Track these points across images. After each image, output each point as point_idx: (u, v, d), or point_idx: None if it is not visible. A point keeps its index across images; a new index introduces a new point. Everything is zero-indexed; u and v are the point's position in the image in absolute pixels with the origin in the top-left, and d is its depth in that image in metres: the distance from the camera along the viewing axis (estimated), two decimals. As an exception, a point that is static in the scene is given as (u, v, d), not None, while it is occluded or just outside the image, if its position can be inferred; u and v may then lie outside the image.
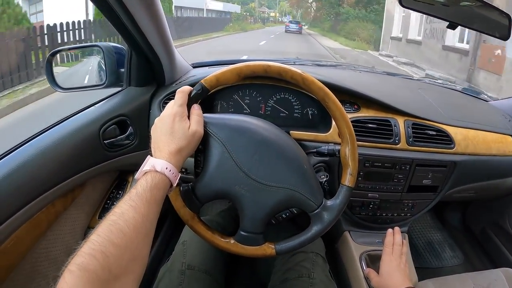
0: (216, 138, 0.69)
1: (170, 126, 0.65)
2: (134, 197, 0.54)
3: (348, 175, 0.73)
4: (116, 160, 0.95)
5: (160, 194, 0.58)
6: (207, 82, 0.70)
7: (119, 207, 0.52)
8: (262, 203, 0.69)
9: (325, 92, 0.71)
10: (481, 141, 1.08)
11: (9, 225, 0.68)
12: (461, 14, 1.02)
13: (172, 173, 0.61)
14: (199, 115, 0.69)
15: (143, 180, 0.57)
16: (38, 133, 0.83)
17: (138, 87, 1.02)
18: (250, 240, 0.71)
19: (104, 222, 0.49)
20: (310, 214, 0.71)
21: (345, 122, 0.72)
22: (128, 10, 0.76)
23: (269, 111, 1.07)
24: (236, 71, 0.70)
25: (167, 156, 0.62)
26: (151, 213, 0.55)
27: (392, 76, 1.38)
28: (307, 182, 0.71)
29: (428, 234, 1.62)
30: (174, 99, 0.70)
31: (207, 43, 14.35)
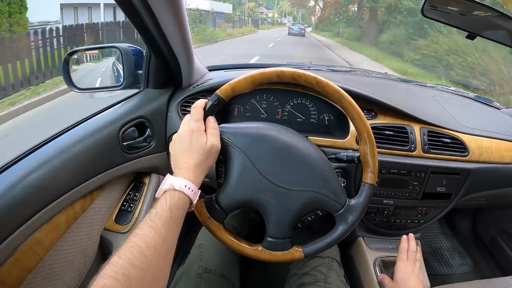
0: (237, 147, 0.70)
1: (188, 143, 0.66)
2: (154, 218, 0.55)
3: (369, 173, 0.74)
4: (134, 162, 0.95)
5: (179, 213, 0.59)
6: (222, 92, 0.70)
7: (140, 228, 0.53)
8: (288, 208, 0.70)
9: (341, 93, 0.72)
10: (494, 149, 1.08)
11: (29, 227, 0.68)
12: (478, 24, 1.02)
13: (191, 190, 0.61)
14: (215, 128, 0.69)
15: (163, 199, 0.58)
16: (58, 133, 0.82)
17: (156, 89, 1.03)
18: (277, 245, 0.72)
19: (125, 243, 0.50)
20: (335, 215, 0.72)
21: (362, 122, 0.72)
22: (153, 13, 0.76)
23: (286, 116, 1.07)
24: (251, 79, 0.71)
25: (186, 173, 0.63)
26: (171, 232, 0.56)
27: (406, 83, 1.39)
28: (330, 184, 0.71)
29: (437, 241, 1.62)
30: (191, 105, 0.70)
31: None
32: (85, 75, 1.23)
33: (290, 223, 0.71)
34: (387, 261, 1.05)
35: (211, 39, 15.80)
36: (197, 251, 0.93)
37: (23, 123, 4.41)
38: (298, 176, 0.70)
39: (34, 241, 0.72)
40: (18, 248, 0.67)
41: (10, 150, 0.81)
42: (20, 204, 0.66)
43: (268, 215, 0.71)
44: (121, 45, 1.02)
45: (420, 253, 1.04)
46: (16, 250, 0.67)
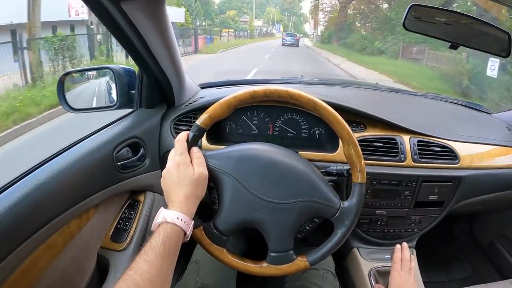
0: (224, 172, 0.72)
1: (176, 176, 0.68)
2: (148, 251, 0.58)
3: (357, 173, 0.75)
4: (129, 181, 0.97)
5: (173, 244, 0.61)
6: (201, 122, 0.73)
7: (136, 262, 0.56)
8: (284, 222, 0.71)
9: (314, 101, 0.73)
10: (485, 155, 1.09)
11: (26, 247, 0.69)
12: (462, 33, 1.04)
13: (183, 222, 0.64)
14: (199, 158, 0.72)
15: (157, 233, 0.61)
16: (53, 156, 0.84)
17: (149, 109, 1.05)
18: (282, 259, 0.73)
19: (122, 277, 0.53)
20: (332, 219, 0.73)
21: (340, 124, 0.74)
22: (142, 37, 0.79)
23: (277, 132, 1.09)
24: (226, 104, 0.73)
25: (177, 205, 0.65)
26: (165, 264, 0.58)
27: (396, 93, 1.40)
28: (321, 190, 0.73)
29: (435, 248, 1.62)
30: (183, 124, 0.73)
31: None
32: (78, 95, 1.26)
33: (290, 235, 0.72)
34: (382, 271, 1.05)
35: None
36: (193, 267, 0.94)
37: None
38: (288, 189, 0.71)
39: (32, 261, 0.74)
40: (16, 269, 0.69)
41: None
42: (17, 226, 0.67)
43: (267, 231, 0.72)
44: (113, 66, 1.05)
45: (415, 262, 1.04)
46: (14, 270, 0.69)
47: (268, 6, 68.06)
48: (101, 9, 0.70)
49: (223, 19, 49.61)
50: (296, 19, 71.14)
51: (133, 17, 0.72)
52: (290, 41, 27.02)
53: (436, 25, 1.03)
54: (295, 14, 70.39)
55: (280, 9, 68.77)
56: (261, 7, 67.09)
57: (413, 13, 0.98)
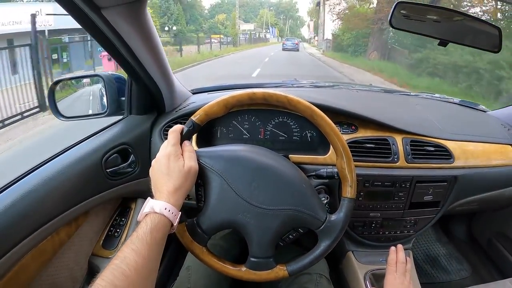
0: (213, 171, 0.71)
1: (166, 167, 0.67)
2: (135, 240, 0.57)
3: (348, 187, 0.74)
4: (119, 188, 0.97)
5: (160, 235, 0.60)
6: (197, 117, 0.72)
7: (122, 251, 0.55)
8: (267, 228, 0.70)
9: (312, 110, 0.73)
10: (480, 153, 1.08)
11: (14, 254, 0.69)
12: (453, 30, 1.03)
13: (171, 213, 0.63)
14: (191, 151, 0.71)
15: (144, 222, 0.60)
16: (41, 163, 0.85)
17: (139, 115, 1.05)
18: (261, 265, 0.72)
19: (108, 266, 0.52)
20: (317, 231, 0.72)
21: (336, 136, 0.73)
22: (127, 44, 0.79)
23: (269, 135, 1.08)
24: (223, 103, 0.72)
25: (166, 196, 0.64)
26: (152, 254, 0.57)
27: (390, 94, 1.39)
28: (308, 201, 0.72)
29: (434, 249, 1.60)
30: (173, 128, 0.72)
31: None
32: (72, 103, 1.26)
33: (271, 242, 0.71)
34: (377, 274, 1.04)
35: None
36: (185, 273, 0.93)
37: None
38: (275, 196, 0.71)
39: (20, 268, 0.74)
40: (5, 275, 0.69)
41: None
42: (5, 233, 0.68)
43: (249, 235, 0.71)
44: (103, 73, 1.05)
45: (411, 264, 1.03)
46: (3, 277, 0.69)
47: (261, 8, 62.26)
48: (83, 17, 0.70)
49: (212, 24, 44.88)
50: (292, 23, 66.47)
51: (115, 24, 0.72)
52: (291, 46, 28.85)
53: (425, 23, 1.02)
54: (291, 17, 65.50)
55: (275, 12, 64.03)
56: (254, 10, 61.58)
57: (401, 11, 0.97)
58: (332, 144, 0.74)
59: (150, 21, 0.79)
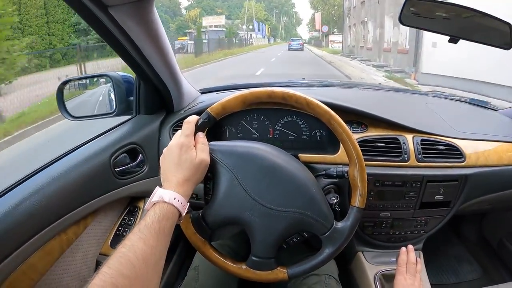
0: (224, 165, 0.70)
1: (177, 156, 0.66)
2: (143, 229, 0.56)
3: (357, 197, 0.73)
4: (127, 187, 0.97)
5: (168, 224, 0.60)
6: (213, 110, 0.71)
7: (129, 239, 0.54)
8: (273, 228, 0.70)
9: (331, 115, 0.72)
10: (492, 152, 1.06)
11: (22, 253, 0.70)
12: (462, 26, 1.02)
13: (180, 203, 0.62)
14: (204, 144, 0.70)
15: (152, 211, 0.59)
16: (50, 162, 0.85)
17: (147, 115, 1.05)
18: (262, 265, 0.72)
19: (114, 254, 0.51)
20: (321, 237, 0.72)
21: (351, 144, 0.72)
22: (134, 43, 0.79)
23: (278, 135, 1.08)
24: (241, 98, 0.72)
25: (175, 186, 0.63)
26: (160, 244, 0.56)
27: (399, 92, 1.38)
28: (317, 205, 0.71)
29: (444, 249, 1.58)
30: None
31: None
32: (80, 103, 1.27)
33: (275, 243, 0.71)
34: (388, 275, 1.03)
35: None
36: (192, 273, 0.92)
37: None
38: (284, 197, 0.70)
39: (28, 266, 0.74)
40: (12, 273, 0.69)
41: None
42: (13, 231, 0.68)
43: (253, 234, 0.71)
44: (111, 74, 1.05)
45: (422, 265, 1.01)
46: (10, 275, 0.69)
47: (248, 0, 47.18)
48: (90, 15, 0.70)
49: (181, 23, 35.55)
50: (287, 21, 56.23)
51: (123, 23, 0.72)
52: (296, 46, 31.27)
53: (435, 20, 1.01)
54: (286, 13, 54.46)
55: (266, 7, 51.39)
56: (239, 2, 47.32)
57: (410, 8, 0.97)
58: (346, 152, 0.74)
59: (158, 20, 0.79)
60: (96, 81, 1.18)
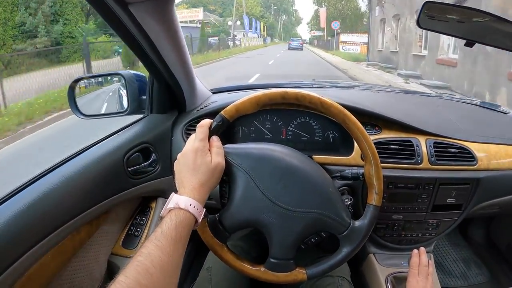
0: (240, 168, 0.70)
1: (192, 161, 0.66)
2: (159, 237, 0.55)
3: (374, 195, 0.74)
4: (140, 187, 0.96)
5: (185, 231, 0.59)
6: (227, 113, 0.71)
7: (146, 247, 0.53)
8: (291, 229, 0.70)
9: (345, 114, 0.72)
10: (503, 155, 1.06)
11: (35, 253, 0.69)
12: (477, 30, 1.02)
13: (196, 209, 0.62)
14: (219, 147, 0.70)
15: (168, 218, 0.59)
16: (62, 161, 0.84)
17: (160, 114, 1.04)
18: (280, 266, 0.71)
19: (131, 262, 0.51)
20: (339, 236, 0.72)
21: (367, 143, 0.72)
22: (152, 41, 0.78)
23: (290, 136, 1.08)
24: (255, 100, 0.71)
25: (191, 192, 0.63)
26: (176, 251, 0.56)
27: (410, 95, 1.38)
28: (334, 205, 0.71)
29: (452, 252, 1.58)
30: (195, 129, 0.71)
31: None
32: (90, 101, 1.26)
33: (293, 244, 0.71)
34: (399, 277, 1.03)
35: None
36: (205, 274, 0.92)
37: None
38: (302, 198, 0.70)
39: (41, 266, 0.73)
40: (25, 273, 0.69)
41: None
42: (27, 230, 0.67)
43: (271, 236, 0.71)
44: (124, 72, 1.05)
45: (433, 267, 1.01)
46: (23, 275, 0.69)
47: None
48: (108, 12, 0.69)
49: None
50: (286, 19, 50.98)
51: (142, 20, 0.71)
52: (296, 45, 31.58)
53: (449, 23, 1.01)
54: (285, 11, 48.62)
55: (263, 4, 45.78)
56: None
57: (425, 11, 0.96)
58: (362, 150, 0.74)
59: (177, 18, 0.79)
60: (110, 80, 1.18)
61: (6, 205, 0.69)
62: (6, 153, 4.42)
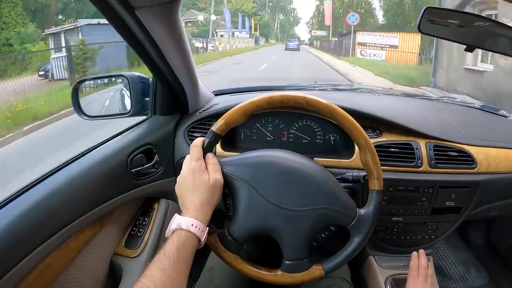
0: (239, 179, 0.71)
1: (191, 182, 0.68)
2: (162, 258, 0.58)
3: (374, 180, 0.74)
4: (143, 188, 0.98)
5: (187, 252, 0.61)
6: (217, 128, 0.72)
7: (149, 269, 0.57)
8: (299, 229, 0.71)
9: (332, 107, 0.73)
10: (503, 159, 1.07)
11: (40, 253, 0.70)
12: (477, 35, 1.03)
13: (198, 229, 0.63)
14: (214, 164, 0.71)
15: (170, 240, 0.61)
16: (67, 162, 0.85)
17: (163, 116, 1.06)
18: (296, 267, 0.72)
19: (136, 284, 0.54)
20: (348, 227, 0.73)
21: (357, 131, 0.73)
22: (157, 44, 0.79)
23: (292, 138, 1.09)
24: (242, 110, 0.73)
25: (193, 212, 0.65)
26: (179, 272, 0.59)
27: (411, 98, 1.39)
28: (337, 197, 0.72)
29: (451, 255, 1.59)
30: (198, 131, 0.73)
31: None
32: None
33: (305, 243, 0.72)
34: (398, 279, 1.03)
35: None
36: (207, 275, 0.93)
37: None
38: (304, 196, 0.71)
39: (46, 266, 0.75)
40: (30, 272, 0.70)
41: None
42: (32, 230, 0.69)
43: (282, 239, 0.72)
44: (128, 74, 1.06)
45: (432, 269, 1.02)
46: (28, 274, 0.70)
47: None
48: (114, 15, 0.70)
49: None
50: (283, 19, 46.28)
51: (148, 24, 0.73)
52: (293, 46, 30.95)
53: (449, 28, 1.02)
54: (282, 9, 43.83)
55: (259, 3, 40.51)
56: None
57: (426, 16, 0.97)
58: (354, 140, 0.75)
59: (181, 23, 0.80)
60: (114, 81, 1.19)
61: (12, 205, 0.70)
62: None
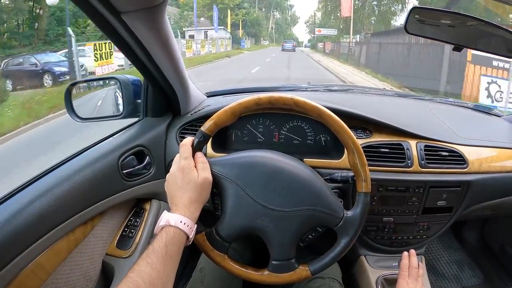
0: (227, 178, 0.72)
1: (180, 180, 0.69)
2: (150, 254, 0.59)
3: (362, 182, 0.75)
4: (134, 189, 0.98)
5: (175, 248, 0.62)
6: (206, 128, 0.73)
7: (138, 264, 0.58)
8: (286, 230, 0.71)
9: (319, 109, 0.74)
10: (494, 158, 1.07)
11: (31, 252, 0.71)
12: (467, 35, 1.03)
13: (186, 225, 0.65)
14: (204, 162, 0.72)
15: (159, 236, 0.62)
16: (59, 164, 0.86)
17: (155, 118, 1.06)
18: (283, 267, 0.73)
19: (124, 279, 0.55)
20: (335, 229, 0.73)
21: (345, 133, 0.74)
22: (144, 47, 0.80)
23: (283, 139, 1.09)
24: (230, 111, 0.74)
25: (181, 209, 0.66)
26: (166, 268, 0.59)
27: (404, 98, 1.39)
28: (324, 199, 0.73)
29: (445, 254, 1.59)
30: (189, 132, 0.73)
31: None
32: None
33: (292, 244, 0.72)
34: (390, 279, 1.04)
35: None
36: (198, 275, 0.94)
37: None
38: (291, 197, 0.72)
39: (36, 266, 0.75)
40: (20, 272, 0.71)
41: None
42: (22, 231, 0.69)
43: (269, 239, 0.72)
44: (120, 76, 1.07)
45: (423, 269, 1.02)
46: (19, 274, 0.70)
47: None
48: (102, 21, 0.71)
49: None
50: (280, 18, 41.66)
51: (134, 28, 0.73)
52: (289, 47, 32.50)
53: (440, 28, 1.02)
54: (278, 6, 38.91)
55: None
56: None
57: (416, 16, 0.98)
58: (342, 141, 0.75)
59: (169, 26, 0.81)
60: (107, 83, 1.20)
61: (3, 206, 0.71)
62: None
